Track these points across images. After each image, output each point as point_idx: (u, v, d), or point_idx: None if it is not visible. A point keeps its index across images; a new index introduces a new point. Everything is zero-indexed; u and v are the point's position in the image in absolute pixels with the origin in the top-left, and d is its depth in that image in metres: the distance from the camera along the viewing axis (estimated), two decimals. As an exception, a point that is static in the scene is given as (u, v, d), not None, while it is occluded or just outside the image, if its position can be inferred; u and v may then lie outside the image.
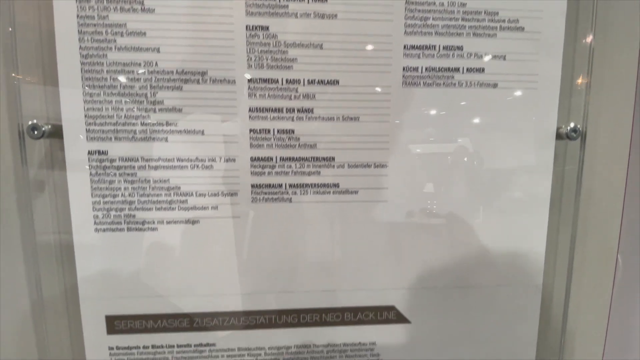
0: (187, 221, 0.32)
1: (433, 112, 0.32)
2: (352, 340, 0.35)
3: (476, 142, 0.33)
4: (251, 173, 0.31)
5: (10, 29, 0.29)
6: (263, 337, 0.34)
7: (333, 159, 0.32)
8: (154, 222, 0.31)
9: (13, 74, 0.30)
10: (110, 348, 0.33)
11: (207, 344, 0.33)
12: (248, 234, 0.32)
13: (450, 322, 0.35)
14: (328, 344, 0.34)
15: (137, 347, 0.33)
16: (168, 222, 0.32)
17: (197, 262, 0.32)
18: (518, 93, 0.32)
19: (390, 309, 0.34)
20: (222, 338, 0.33)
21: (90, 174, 0.30)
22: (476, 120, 0.32)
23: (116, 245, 0.31)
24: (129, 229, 0.31)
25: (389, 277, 0.34)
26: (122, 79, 0.29)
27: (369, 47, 0.31)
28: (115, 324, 0.32)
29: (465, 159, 0.33)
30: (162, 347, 0.33)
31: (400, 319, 0.35)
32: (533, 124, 0.33)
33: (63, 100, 0.29)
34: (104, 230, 0.31)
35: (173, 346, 0.33)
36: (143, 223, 0.31)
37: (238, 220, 0.32)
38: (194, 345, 0.33)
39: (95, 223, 0.31)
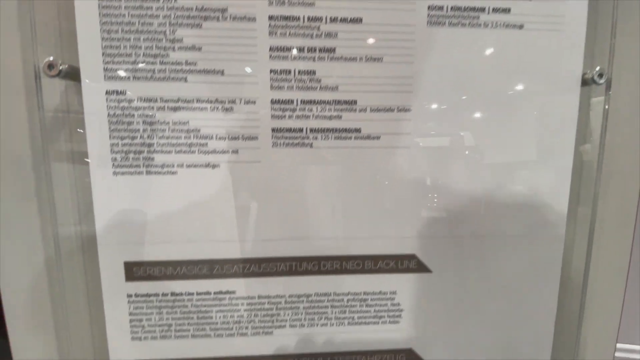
0: (207, 165, 0.31)
1: (458, 53, 0.31)
2: (373, 289, 0.34)
3: (501, 86, 0.32)
4: (272, 116, 0.31)
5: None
6: (283, 284, 0.34)
7: (355, 102, 0.31)
8: (173, 166, 0.31)
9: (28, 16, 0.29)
10: (129, 295, 0.32)
11: (227, 292, 0.33)
12: (268, 180, 0.32)
13: (472, 272, 0.35)
14: (348, 292, 0.34)
15: (156, 295, 0.33)
16: (188, 166, 0.31)
17: (216, 207, 0.32)
18: (544, 35, 0.32)
19: (411, 257, 0.34)
20: (242, 285, 0.33)
21: (108, 114, 0.30)
22: (501, 64, 0.32)
23: (135, 189, 0.31)
24: (147, 172, 0.31)
25: (410, 225, 0.34)
26: (141, 15, 0.29)
27: (393, -17, 0.30)
28: (134, 271, 0.32)
29: (490, 104, 0.32)
30: (181, 294, 0.33)
31: (421, 267, 0.34)
32: (559, 68, 0.32)
33: (80, 38, 0.29)
34: (123, 173, 0.31)
35: (192, 294, 0.33)
36: (162, 166, 0.31)
37: (258, 165, 0.31)
38: (214, 293, 0.33)
39: (113, 166, 0.30)
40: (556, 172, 0.34)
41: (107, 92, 0.29)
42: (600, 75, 0.32)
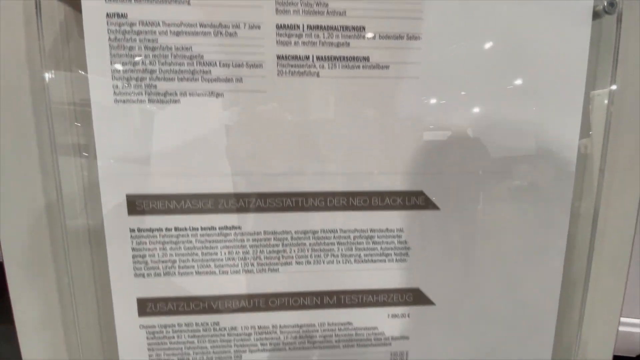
0: (211, 94, 0.30)
1: (468, -22, 0.30)
2: (379, 226, 0.34)
3: (512, 18, 0.31)
4: (277, 42, 0.30)
5: None
6: (290, 220, 0.33)
7: (363, 28, 0.30)
8: (176, 94, 0.30)
9: None
10: (132, 230, 0.32)
11: (233, 227, 0.33)
12: (274, 111, 0.31)
13: (481, 210, 0.34)
14: (355, 229, 0.34)
15: (160, 230, 0.32)
16: (191, 94, 0.30)
17: (221, 139, 0.31)
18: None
19: (419, 194, 0.33)
20: (247, 221, 0.33)
21: (109, 39, 0.29)
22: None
23: (137, 119, 0.30)
24: (150, 101, 0.30)
25: (417, 161, 0.33)
26: None
27: None
28: (137, 204, 0.31)
29: (500, 35, 0.32)
30: (185, 229, 0.32)
31: (429, 205, 0.34)
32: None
33: (79, -45, 0.28)
34: (124, 101, 0.30)
35: (197, 229, 0.32)
36: (165, 94, 0.30)
37: (264, 95, 0.31)
38: (219, 228, 0.32)
39: (114, 93, 0.30)
40: (567, 107, 0.33)
41: (107, 15, 0.28)
42: (612, 4, 0.32)
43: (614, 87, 0.34)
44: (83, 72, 0.30)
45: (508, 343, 0.37)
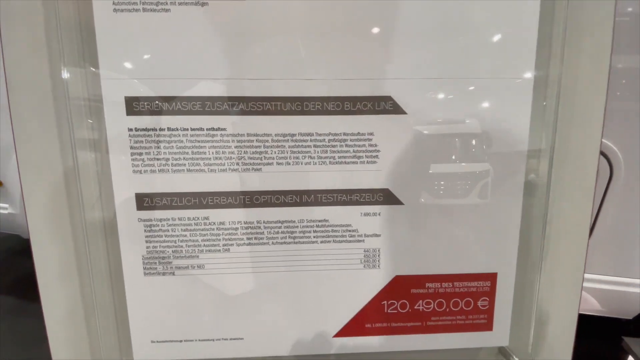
0: (197, 3, 0.34)
1: None
2: (352, 130, 0.37)
3: None
4: (256, -45, 0.33)
5: None
6: (270, 123, 0.37)
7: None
8: (167, 3, 0.34)
9: None
10: (130, 129, 0.36)
11: (219, 128, 0.36)
12: (254, 18, 0.35)
13: (445, 113, 0.37)
14: (329, 132, 0.37)
15: (154, 129, 0.36)
16: (180, 4, 0.34)
17: (206, 45, 0.35)
18: None
19: (387, 99, 0.37)
20: (232, 123, 0.36)
21: (107, -48, 0.33)
22: None
23: (134, 26, 0.34)
24: (144, 10, 0.34)
25: (386, 68, 0.36)
26: None
27: None
28: (134, 105, 0.35)
29: None
30: (177, 129, 0.36)
31: (396, 109, 0.37)
32: None
33: None
34: (122, 10, 0.34)
35: (187, 129, 0.36)
36: (157, 4, 0.34)
37: (245, 3, 0.34)
38: (207, 129, 0.36)
39: (113, 4, 0.34)
40: (523, 10, 0.36)
41: None
42: None
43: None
44: (94, 69, 0.35)
45: (475, 244, 0.40)
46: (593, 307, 0.90)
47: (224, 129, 0.37)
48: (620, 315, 0.93)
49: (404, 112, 0.37)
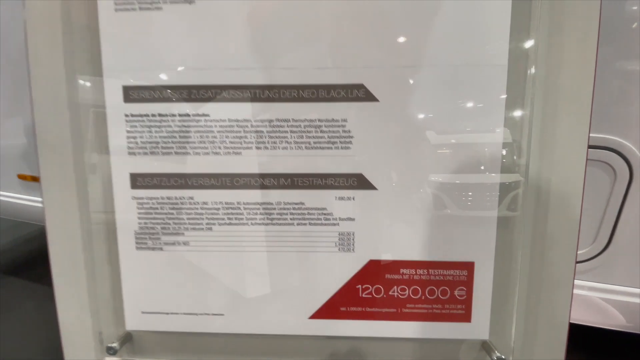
0: (185, 1, 0.38)
1: None
2: (326, 116, 0.39)
3: None
4: (237, -44, 0.37)
5: None
6: (249, 110, 0.39)
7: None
8: (159, 2, 0.38)
9: None
10: (126, 115, 0.40)
11: (203, 114, 0.40)
12: (235, 12, 0.38)
13: (417, 100, 0.38)
14: (305, 119, 0.39)
15: (147, 115, 0.40)
16: (171, 2, 0.38)
17: (193, 40, 0.38)
18: None
19: (360, 87, 0.38)
20: (214, 109, 0.39)
21: (110, -41, 0.37)
22: None
23: (132, 23, 0.38)
24: (140, 9, 0.38)
25: (358, 57, 0.38)
26: None
27: None
28: (130, 94, 0.40)
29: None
30: (166, 115, 0.40)
31: (369, 97, 0.38)
32: None
33: None
34: (122, 10, 0.38)
35: (175, 115, 0.40)
36: (151, 3, 0.38)
37: (235, 3, 0.38)
38: (192, 115, 0.40)
39: (115, 4, 0.38)
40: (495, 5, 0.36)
41: (108, -59, 0.37)
42: None
43: None
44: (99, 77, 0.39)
45: (450, 232, 0.40)
46: (618, 322, 0.84)
47: (208, 115, 0.40)
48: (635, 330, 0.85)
49: (376, 100, 0.38)
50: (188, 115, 0.40)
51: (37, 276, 1.37)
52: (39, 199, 1.20)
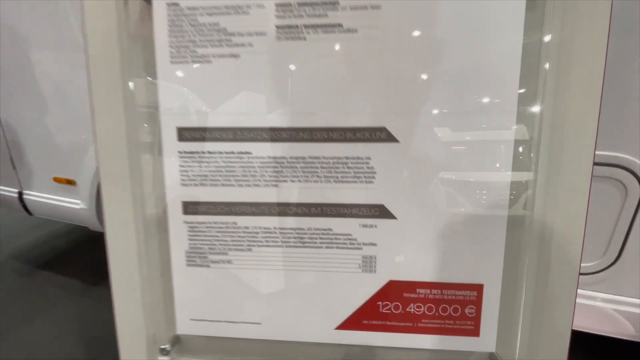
0: (231, 55, 0.44)
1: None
2: (352, 154, 0.44)
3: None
4: (275, 16, 0.42)
5: None
6: (286, 149, 0.45)
7: (338, 2, 0.41)
8: (209, 56, 0.44)
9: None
10: (180, 152, 0.46)
11: (246, 152, 0.46)
12: (274, 65, 0.43)
13: (433, 142, 0.43)
14: (333, 156, 0.45)
15: (198, 152, 0.46)
16: (219, 56, 0.44)
17: (238, 88, 0.44)
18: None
19: (382, 129, 0.43)
20: (255, 148, 0.45)
21: (168, 21, 0.44)
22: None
23: (184, 75, 0.45)
24: (193, 61, 0.44)
25: (381, 102, 0.43)
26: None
27: None
28: (183, 134, 0.46)
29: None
30: (214, 152, 0.46)
31: (390, 138, 0.44)
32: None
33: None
34: (177, 62, 0.44)
35: (222, 152, 0.46)
36: (202, 57, 0.44)
37: (267, 55, 0.43)
38: (237, 152, 0.46)
39: (170, 56, 0.44)
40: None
41: (167, 4, 0.43)
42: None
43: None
44: (151, 79, 0.45)
45: (462, 257, 0.45)
46: (628, 332, 0.87)
47: (250, 153, 0.46)
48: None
49: (396, 141, 0.44)
50: (233, 152, 0.46)
51: (71, 272, 1.48)
52: (73, 200, 1.29)
